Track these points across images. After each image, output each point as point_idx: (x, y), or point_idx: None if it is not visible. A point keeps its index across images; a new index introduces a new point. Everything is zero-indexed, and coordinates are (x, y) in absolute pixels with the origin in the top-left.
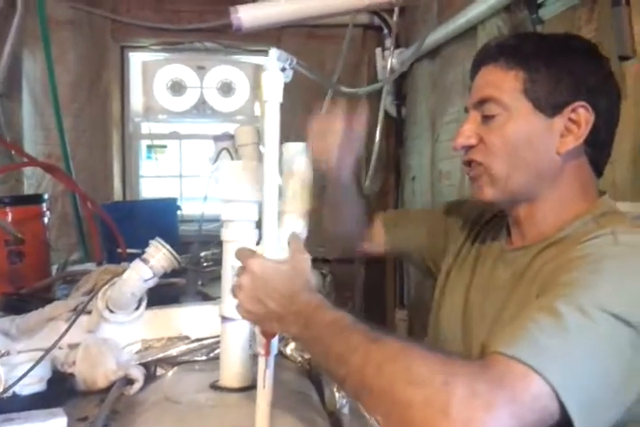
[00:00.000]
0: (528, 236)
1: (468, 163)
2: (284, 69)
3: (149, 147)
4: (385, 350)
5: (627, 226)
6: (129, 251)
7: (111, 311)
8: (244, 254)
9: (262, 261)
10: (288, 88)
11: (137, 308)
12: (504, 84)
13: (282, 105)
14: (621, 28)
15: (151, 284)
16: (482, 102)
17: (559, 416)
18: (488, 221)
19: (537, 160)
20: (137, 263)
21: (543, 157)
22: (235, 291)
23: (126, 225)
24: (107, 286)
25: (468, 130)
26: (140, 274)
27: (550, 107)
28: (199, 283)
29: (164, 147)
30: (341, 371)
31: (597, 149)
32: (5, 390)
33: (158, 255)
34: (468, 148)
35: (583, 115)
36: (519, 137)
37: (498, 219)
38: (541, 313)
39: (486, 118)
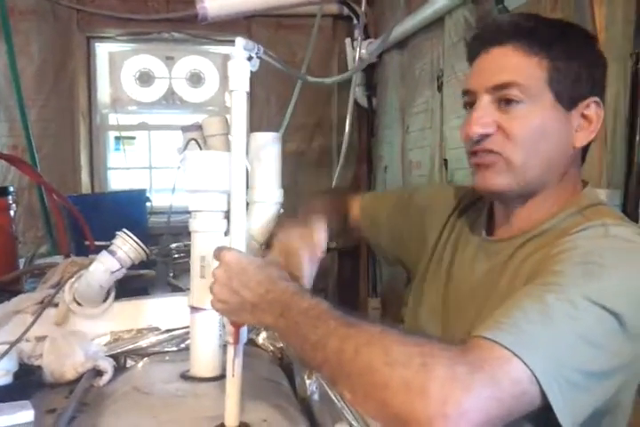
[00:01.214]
0: (515, 227)
1: (475, 152)
2: (250, 58)
3: (117, 138)
4: (362, 335)
5: (615, 218)
6: (97, 243)
7: (78, 304)
8: (218, 249)
9: (236, 252)
10: (261, 79)
11: (105, 300)
12: (528, 70)
13: (255, 95)
14: (584, 16)
15: (119, 275)
16: (502, 87)
17: (540, 402)
18: (464, 209)
19: (552, 153)
20: (104, 255)
21: (558, 150)
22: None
23: (94, 217)
24: (73, 279)
25: (485, 117)
26: (106, 266)
27: (569, 100)
28: (170, 275)
29: (133, 138)
30: (318, 357)
31: (590, 142)
32: None
33: (125, 247)
34: (484, 136)
35: (595, 110)
36: (541, 128)
37: (475, 207)
38: (527, 301)
39: (507, 104)
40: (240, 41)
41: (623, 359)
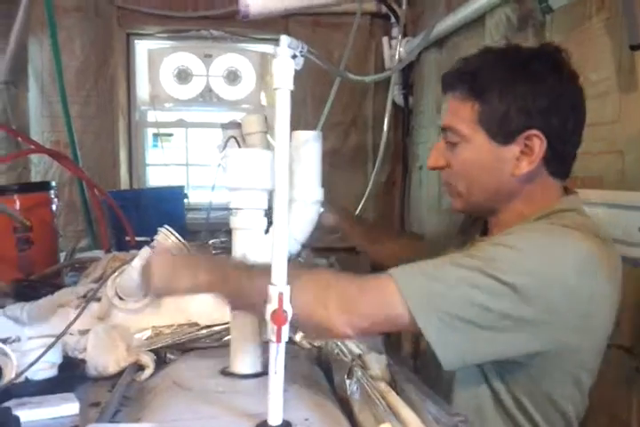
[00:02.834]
0: (495, 231)
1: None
2: (294, 57)
3: (155, 135)
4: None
5: (572, 221)
6: (137, 239)
7: (121, 298)
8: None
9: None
10: (297, 77)
11: (146, 295)
12: (462, 113)
13: (292, 96)
14: (633, 17)
15: None
16: (445, 129)
17: (415, 328)
18: (471, 224)
19: (493, 182)
20: (145, 251)
21: (499, 179)
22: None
23: (133, 213)
24: (116, 274)
25: (436, 153)
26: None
27: (503, 135)
28: None
29: (171, 135)
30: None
31: (557, 161)
32: (18, 375)
33: (167, 242)
34: (440, 168)
35: (536, 142)
36: (476, 163)
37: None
38: (439, 259)
39: (449, 144)
40: (285, 39)
41: (522, 325)
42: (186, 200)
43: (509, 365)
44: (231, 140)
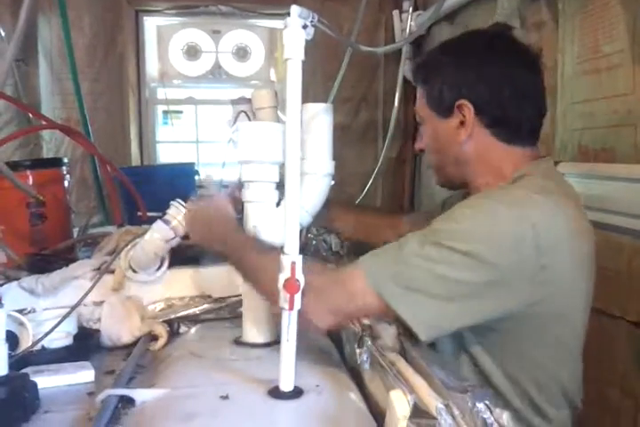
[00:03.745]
0: None
1: None
2: (305, 27)
3: (165, 112)
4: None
5: (530, 184)
6: (149, 214)
7: (134, 271)
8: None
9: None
10: (307, 52)
11: (159, 268)
12: (420, 98)
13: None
14: None
15: (173, 244)
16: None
17: (387, 309)
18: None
19: (450, 151)
20: (158, 224)
21: (453, 147)
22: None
23: (144, 189)
24: (129, 247)
25: (418, 137)
26: (161, 234)
27: (443, 110)
28: None
29: (180, 112)
30: (261, 276)
31: (502, 127)
32: (35, 344)
33: (179, 216)
34: (423, 149)
35: (465, 110)
36: (433, 138)
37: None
38: (401, 240)
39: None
40: (295, 9)
41: (485, 290)
42: (197, 177)
43: (485, 331)
44: (241, 116)
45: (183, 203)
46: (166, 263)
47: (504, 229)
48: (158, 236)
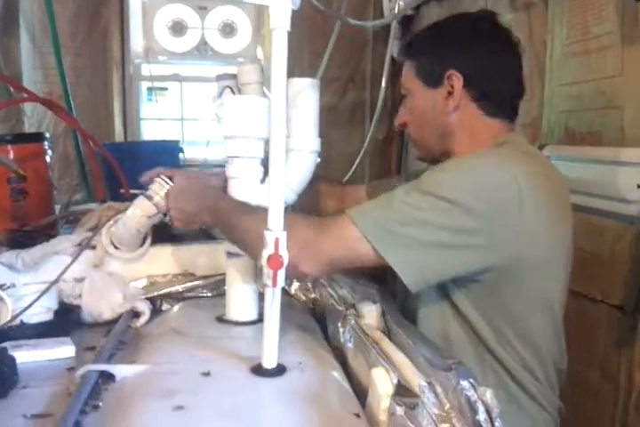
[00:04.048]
0: None
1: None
2: None
3: (150, 89)
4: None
5: (512, 147)
6: (132, 191)
7: (116, 247)
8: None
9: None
10: (294, 29)
11: (142, 245)
12: (407, 73)
13: (288, 46)
14: None
15: (155, 220)
16: (401, 89)
17: (375, 256)
18: None
19: (435, 121)
20: (141, 200)
21: (438, 118)
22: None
23: (128, 166)
24: (111, 222)
25: (400, 113)
26: (143, 210)
27: (432, 81)
28: None
29: (165, 89)
30: (250, 236)
31: (486, 100)
32: (14, 318)
33: (162, 192)
34: (403, 125)
35: (454, 80)
36: (418, 108)
37: None
38: (388, 192)
39: (404, 101)
40: None
41: (469, 238)
42: (181, 154)
43: (467, 282)
44: (226, 91)
45: (167, 179)
46: (149, 241)
47: (489, 180)
48: (140, 211)
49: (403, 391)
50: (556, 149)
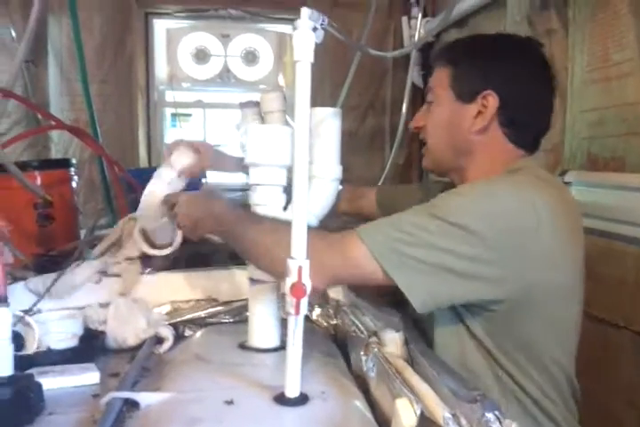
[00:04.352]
0: None
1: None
2: (315, 29)
3: (174, 115)
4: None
5: (525, 175)
6: None
7: (151, 246)
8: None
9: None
10: (316, 60)
11: (171, 244)
12: (440, 77)
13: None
14: None
15: (175, 186)
16: (427, 92)
17: (383, 276)
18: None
19: (457, 137)
20: (162, 167)
21: (461, 134)
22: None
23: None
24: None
25: (418, 116)
26: (164, 176)
27: (467, 95)
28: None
29: (189, 115)
30: (258, 249)
31: (514, 127)
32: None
33: (182, 158)
34: (420, 128)
35: (490, 101)
36: (442, 120)
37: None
38: (399, 213)
39: (428, 105)
40: (305, 11)
41: (479, 267)
42: (204, 180)
43: (483, 311)
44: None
45: (188, 148)
46: (178, 239)
47: (505, 208)
48: (158, 180)
49: (426, 423)
50: (579, 174)
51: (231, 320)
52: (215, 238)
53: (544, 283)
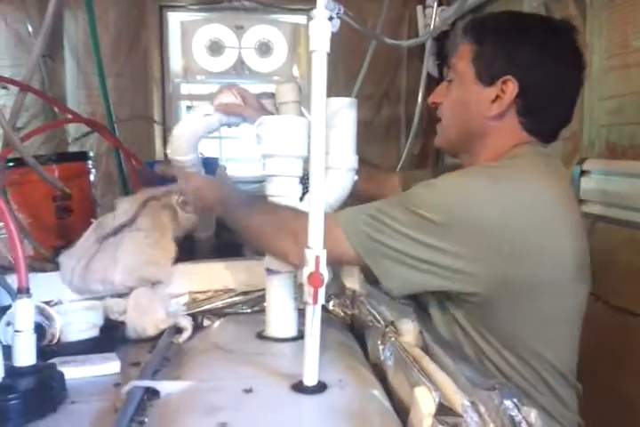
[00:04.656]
0: None
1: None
2: (331, 18)
3: (189, 108)
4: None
5: (513, 166)
6: None
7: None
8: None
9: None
10: (331, 47)
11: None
12: (463, 53)
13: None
14: None
15: (213, 124)
16: (450, 68)
17: (361, 261)
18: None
19: (471, 119)
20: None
21: (476, 117)
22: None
23: (169, 183)
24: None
25: (437, 90)
26: (202, 110)
27: (487, 78)
28: None
29: None
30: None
31: (531, 117)
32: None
33: (224, 98)
34: (437, 104)
35: (510, 87)
36: (460, 99)
37: None
38: (378, 200)
39: (448, 82)
40: (322, 0)
41: (449, 261)
42: (221, 163)
43: (462, 301)
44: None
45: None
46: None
47: (473, 203)
48: (195, 112)
49: (445, 411)
50: (597, 162)
51: (249, 311)
52: None
53: (518, 278)
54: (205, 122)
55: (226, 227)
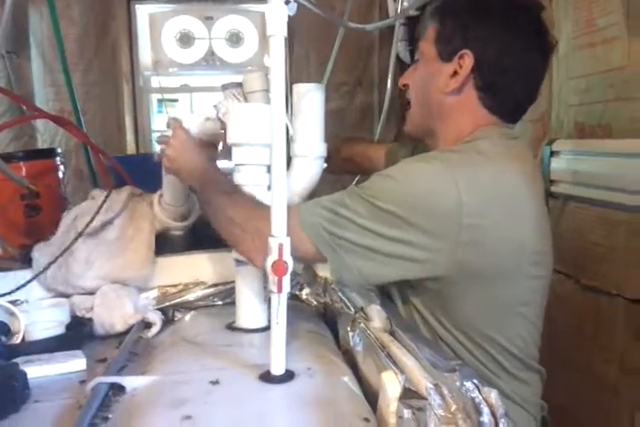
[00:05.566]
0: None
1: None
2: (287, 2)
3: (160, 101)
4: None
5: (469, 149)
6: None
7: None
8: (174, 124)
9: (185, 134)
10: (300, 35)
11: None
12: (428, 36)
13: (294, 53)
14: None
15: (212, 127)
16: (417, 49)
17: (317, 253)
18: None
19: (431, 97)
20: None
21: (435, 95)
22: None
23: (140, 178)
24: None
25: (407, 72)
26: (204, 113)
27: (446, 54)
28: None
29: (176, 101)
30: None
31: (489, 91)
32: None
33: (228, 102)
34: (406, 86)
35: (466, 61)
36: (422, 77)
37: None
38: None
39: (415, 63)
40: None
41: (406, 250)
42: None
43: (419, 287)
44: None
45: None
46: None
47: (428, 190)
48: (201, 115)
49: (411, 394)
50: (566, 143)
51: (220, 303)
52: None
53: (477, 265)
54: (204, 125)
55: (203, 222)
